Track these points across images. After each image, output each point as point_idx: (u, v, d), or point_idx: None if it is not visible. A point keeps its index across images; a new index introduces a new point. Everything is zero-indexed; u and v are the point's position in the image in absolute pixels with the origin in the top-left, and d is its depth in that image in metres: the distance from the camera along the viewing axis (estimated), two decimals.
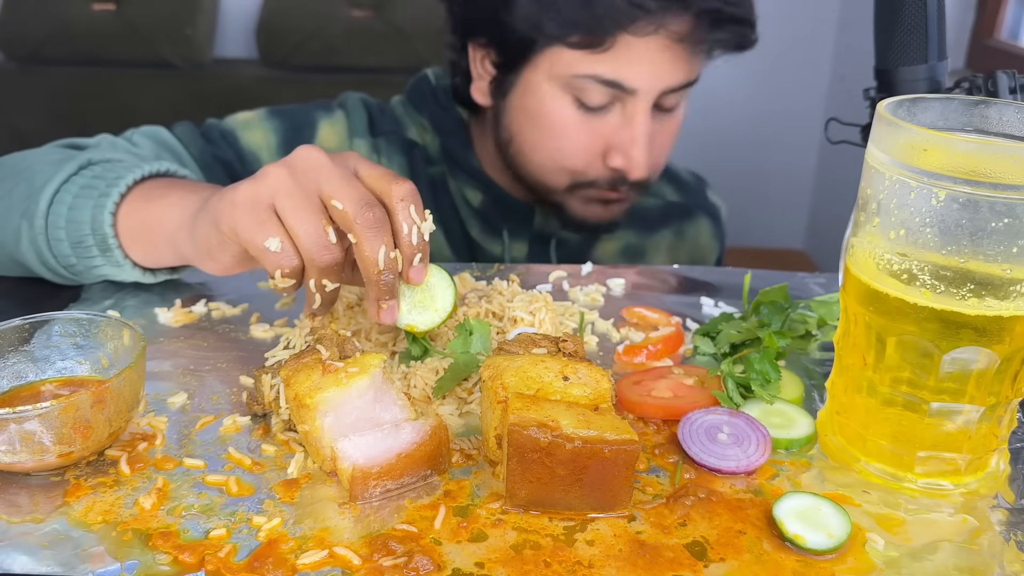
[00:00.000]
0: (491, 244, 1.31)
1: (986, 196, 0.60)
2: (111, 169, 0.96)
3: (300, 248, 0.77)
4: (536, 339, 0.75)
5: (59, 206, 0.93)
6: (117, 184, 0.93)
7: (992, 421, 0.68)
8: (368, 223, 0.75)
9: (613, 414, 0.66)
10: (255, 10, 3.25)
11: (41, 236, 0.94)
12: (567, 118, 1.16)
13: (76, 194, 0.93)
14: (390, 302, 0.78)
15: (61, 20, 3.12)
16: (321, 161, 0.78)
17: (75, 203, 0.93)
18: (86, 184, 0.94)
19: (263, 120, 1.28)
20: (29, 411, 0.64)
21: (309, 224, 0.76)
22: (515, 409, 0.64)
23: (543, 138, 1.18)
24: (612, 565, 0.60)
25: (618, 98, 1.14)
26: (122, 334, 0.75)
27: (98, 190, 0.93)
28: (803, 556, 0.62)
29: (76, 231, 0.93)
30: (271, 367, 0.76)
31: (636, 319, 0.96)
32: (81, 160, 0.96)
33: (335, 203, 0.76)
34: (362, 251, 0.76)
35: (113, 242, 0.92)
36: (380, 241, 0.76)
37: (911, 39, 0.88)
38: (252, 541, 0.62)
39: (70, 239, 0.94)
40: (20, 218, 0.95)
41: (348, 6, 3.26)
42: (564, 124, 1.16)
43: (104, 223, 0.92)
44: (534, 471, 0.63)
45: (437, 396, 0.79)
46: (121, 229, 0.93)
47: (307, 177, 0.77)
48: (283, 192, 0.77)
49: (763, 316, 0.90)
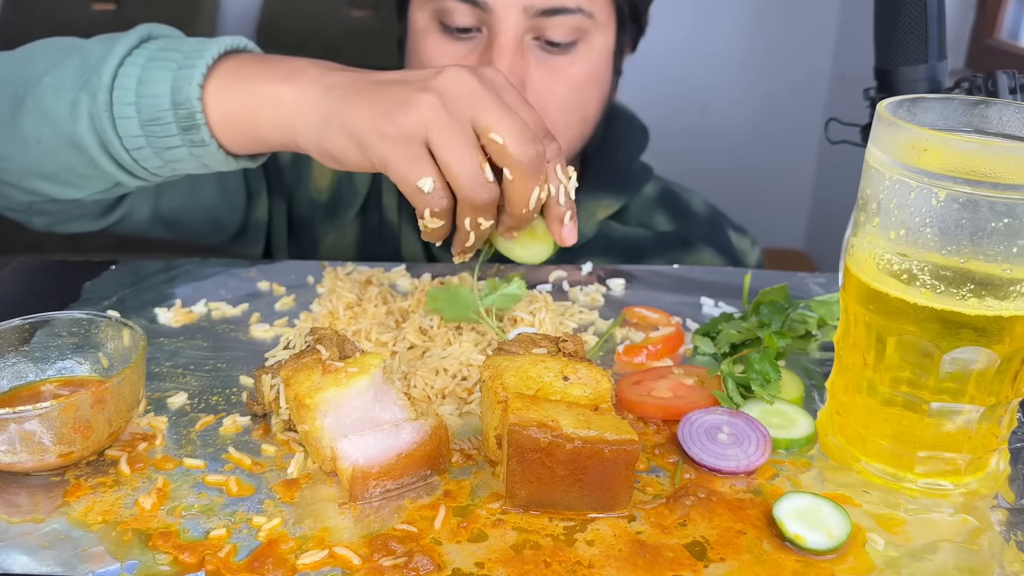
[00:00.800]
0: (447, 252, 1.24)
1: (986, 196, 0.60)
2: (181, 42, 0.85)
3: (455, 186, 0.74)
4: (536, 339, 0.75)
5: (126, 79, 0.82)
6: (201, 54, 0.82)
7: (992, 421, 0.68)
8: (530, 161, 0.73)
9: (613, 414, 0.66)
10: (255, 10, 3.25)
11: (105, 113, 0.82)
12: (433, 46, 1.06)
13: (145, 66, 0.82)
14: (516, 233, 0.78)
15: (61, 20, 3.12)
16: (475, 88, 0.74)
17: (147, 76, 0.82)
18: (155, 56, 0.83)
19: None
20: (29, 411, 0.64)
21: (466, 161, 0.72)
22: (515, 409, 0.64)
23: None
24: (612, 565, 0.60)
25: (483, 22, 1.03)
26: (122, 334, 0.75)
27: (176, 61, 0.82)
28: (803, 556, 0.62)
29: (151, 107, 0.82)
30: (271, 367, 0.76)
31: (636, 319, 0.96)
32: (141, 32, 0.86)
33: (494, 136, 0.73)
34: (515, 189, 0.74)
35: (201, 118, 0.82)
36: (535, 181, 0.74)
37: (911, 39, 0.88)
38: (252, 541, 0.62)
39: (142, 117, 0.82)
40: (79, 92, 0.83)
41: (348, 6, 3.26)
42: (430, 53, 1.07)
43: (191, 96, 0.81)
44: (534, 471, 0.63)
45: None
46: (212, 107, 0.82)
47: (461, 106, 0.74)
48: (437, 125, 0.73)
49: (763, 316, 0.90)
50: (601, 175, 1.24)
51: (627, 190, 1.27)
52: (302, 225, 1.28)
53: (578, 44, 1.07)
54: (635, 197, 1.29)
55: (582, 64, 1.08)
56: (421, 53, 1.08)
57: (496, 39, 1.02)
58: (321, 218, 1.27)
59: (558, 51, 1.06)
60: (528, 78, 1.05)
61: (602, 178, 1.24)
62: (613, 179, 1.25)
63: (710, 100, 3.17)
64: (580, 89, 1.10)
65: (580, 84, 1.10)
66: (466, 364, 0.81)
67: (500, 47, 1.02)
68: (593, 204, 1.24)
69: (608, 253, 1.25)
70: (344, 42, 3.19)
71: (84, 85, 0.83)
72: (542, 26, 1.03)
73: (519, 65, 1.03)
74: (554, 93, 1.08)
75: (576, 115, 1.12)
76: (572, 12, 1.04)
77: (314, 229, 1.28)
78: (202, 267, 1.06)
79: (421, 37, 1.08)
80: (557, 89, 1.07)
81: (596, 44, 1.09)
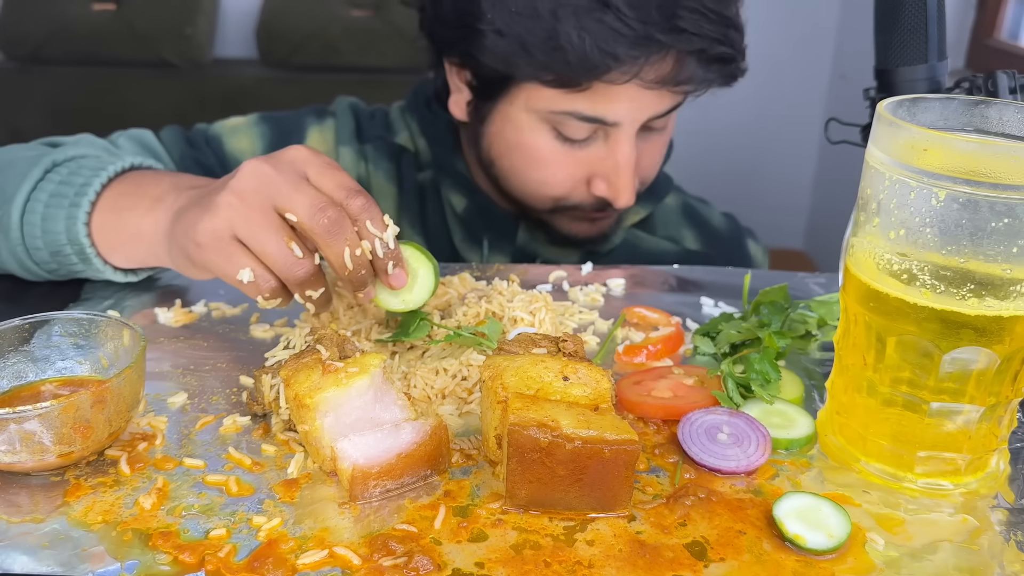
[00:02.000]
0: (471, 253, 1.27)
1: (986, 196, 0.60)
2: (77, 172, 0.95)
3: (274, 269, 0.79)
4: (536, 339, 0.75)
5: (32, 215, 0.93)
6: (85, 192, 0.92)
7: (992, 421, 0.68)
8: (325, 229, 0.76)
9: (613, 414, 0.66)
10: (255, 10, 3.25)
11: (19, 247, 0.94)
12: (547, 149, 1.10)
13: (47, 203, 0.93)
14: (366, 290, 0.81)
15: (61, 20, 3.12)
16: (266, 174, 0.78)
17: (47, 213, 0.93)
18: (55, 192, 0.93)
19: (252, 126, 1.27)
20: (29, 411, 0.64)
21: (272, 245, 0.77)
22: (515, 409, 0.64)
23: (524, 167, 1.13)
24: (612, 565, 0.60)
25: (600, 129, 1.08)
26: (122, 334, 0.75)
27: (68, 199, 0.93)
28: (803, 556, 0.62)
29: (53, 241, 0.93)
30: (271, 367, 0.76)
31: (636, 319, 0.96)
32: (46, 164, 0.95)
33: (289, 216, 0.77)
34: (327, 255, 0.77)
35: (91, 251, 0.93)
36: (342, 243, 0.77)
37: (911, 39, 0.88)
38: (252, 541, 0.62)
39: (48, 248, 0.94)
40: None
41: (348, 6, 3.26)
42: (544, 155, 1.10)
43: (79, 234, 0.92)
44: (534, 471, 0.63)
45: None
46: (97, 239, 0.93)
47: (257, 196, 0.78)
48: (239, 220, 0.78)
49: (763, 316, 0.90)
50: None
51: (652, 198, 1.29)
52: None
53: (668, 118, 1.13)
54: (659, 207, 1.32)
55: (669, 130, 1.17)
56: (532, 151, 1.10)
57: (619, 147, 1.07)
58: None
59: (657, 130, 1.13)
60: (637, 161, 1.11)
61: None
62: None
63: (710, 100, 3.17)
64: (665, 145, 1.19)
65: (666, 143, 1.19)
66: (466, 364, 0.81)
67: (624, 155, 1.07)
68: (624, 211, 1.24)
69: (634, 262, 1.25)
70: (344, 42, 3.19)
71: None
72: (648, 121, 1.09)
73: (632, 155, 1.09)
74: (652, 164, 1.17)
75: (660, 166, 1.21)
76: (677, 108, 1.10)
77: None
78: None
79: (529, 135, 1.10)
80: (654, 158, 1.17)
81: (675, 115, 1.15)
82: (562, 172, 1.11)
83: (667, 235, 1.33)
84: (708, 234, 1.36)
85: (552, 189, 1.13)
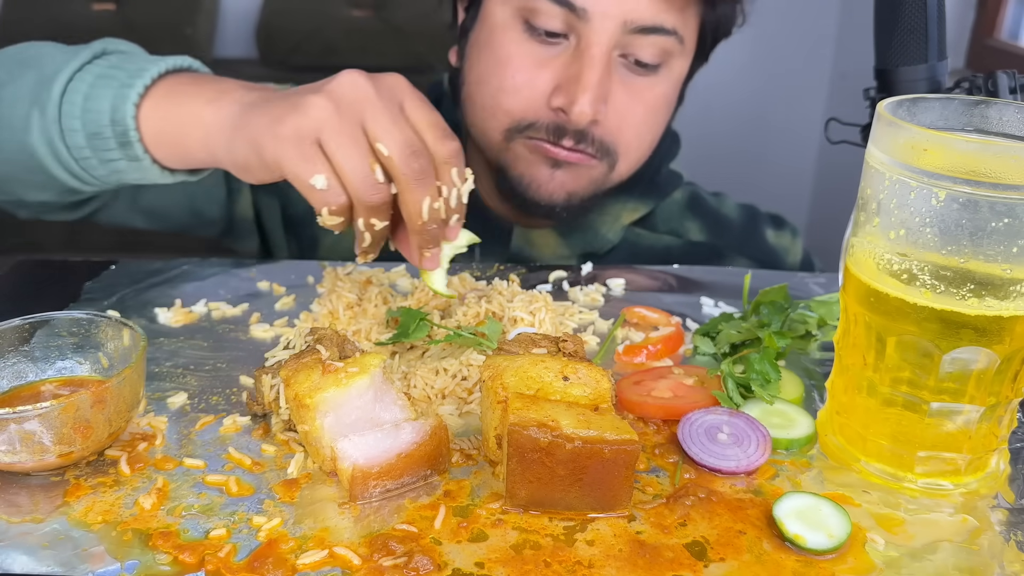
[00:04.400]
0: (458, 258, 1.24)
1: (986, 196, 0.60)
2: (130, 60, 0.89)
3: (347, 187, 0.75)
4: (536, 339, 0.75)
5: (74, 95, 0.87)
6: (141, 75, 0.87)
7: (992, 421, 0.68)
8: (413, 173, 0.74)
9: (613, 414, 0.66)
10: (255, 10, 3.25)
11: (54, 125, 0.87)
12: (514, 46, 1.03)
13: (92, 83, 0.87)
14: (433, 250, 0.78)
15: (61, 20, 3.12)
16: (367, 93, 0.76)
17: (92, 92, 0.87)
18: (103, 73, 0.88)
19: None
20: (29, 411, 0.64)
21: (356, 162, 0.74)
22: (515, 409, 0.64)
23: (489, 73, 1.07)
24: (612, 565, 0.60)
25: (572, 28, 1.01)
26: (122, 334, 0.75)
27: (118, 80, 0.87)
28: (803, 556, 0.62)
29: (93, 122, 0.87)
30: (271, 367, 0.76)
31: (636, 319, 0.96)
32: (95, 48, 0.90)
33: (380, 147, 0.74)
34: (406, 201, 0.75)
35: (134, 135, 0.86)
36: (424, 192, 0.75)
37: (911, 39, 0.88)
38: (252, 541, 0.62)
39: (86, 130, 0.87)
40: (30, 106, 0.88)
41: (348, 6, 3.26)
42: (510, 52, 1.04)
43: (126, 115, 0.86)
44: (534, 471, 0.63)
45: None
46: (145, 125, 0.87)
47: (352, 111, 0.75)
48: (328, 127, 0.74)
49: (763, 316, 0.90)
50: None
51: (654, 195, 1.24)
52: (300, 223, 1.27)
53: (661, 67, 1.06)
54: (662, 203, 1.27)
55: (662, 87, 1.07)
56: (497, 49, 1.05)
57: (588, 50, 1.00)
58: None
59: (642, 72, 1.05)
60: (611, 95, 1.03)
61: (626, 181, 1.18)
62: (638, 183, 1.20)
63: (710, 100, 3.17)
64: (656, 112, 1.09)
65: (657, 107, 1.09)
66: (466, 364, 0.81)
67: (592, 59, 1.00)
68: (617, 208, 1.21)
69: (634, 261, 1.21)
70: (344, 42, 3.19)
71: (35, 99, 0.88)
72: (633, 44, 1.02)
73: (605, 80, 1.01)
74: (632, 113, 1.06)
75: (647, 137, 1.11)
76: (668, 33, 1.02)
77: (313, 228, 1.27)
78: (202, 267, 1.06)
79: (500, 33, 1.05)
80: (636, 110, 1.06)
81: (676, 69, 1.08)
82: (523, 75, 1.04)
83: (669, 229, 1.27)
84: (716, 224, 1.29)
85: (511, 99, 1.05)
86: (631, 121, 1.07)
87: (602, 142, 1.06)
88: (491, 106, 1.07)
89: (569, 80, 1.01)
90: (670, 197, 1.28)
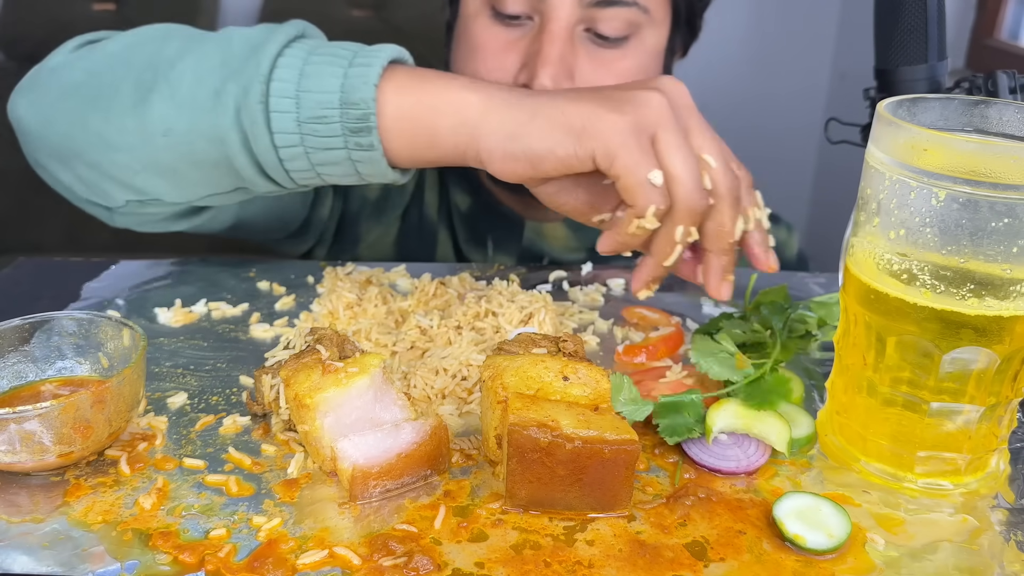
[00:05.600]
0: (475, 254, 1.25)
1: (986, 196, 0.60)
2: (342, 44, 0.81)
3: (677, 189, 0.73)
4: (536, 339, 0.75)
5: (286, 71, 0.77)
6: (375, 55, 0.79)
7: (992, 421, 0.68)
8: (731, 189, 0.73)
9: (613, 414, 0.66)
10: (255, 10, 3.25)
11: (259, 105, 0.76)
12: (483, 31, 1.05)
13: (308, 60, 0.78)
14: (730, 278, 0.77)
15: (61, 20, 3.12)
16: (689, 103, 0.76)
17: (311, 71, 0.77)
18: (318, 51, 0.79)
19: None
20: (29, 411, 0.64)
21: (691, 164, 0.72)
22: (515, 409, 0.64)
23: (463, 60, 1.08)
24: (612, 565, 0.60)
25: (535, 9, 1.01)
26: (122, 334, 0.75)
27: (345, 59, 0.78)
28: (803, 556, 0.62)
29: (315, 103, 0.77)
30: (271, 367, 0.76)
31: (636, 319, 0.96)
32: (297, 27, 0.82)
33: (707, 157, 0.73)
34: (722, 217, 0.74)
35: (374, 120, 0.77)
36: (738, 210, 0.74)
37: (911, 39, 0.88)
38: (252, 541, 0.62)
39: (302, 114, 0.77)
40: (225, 81, 0.78)
41: (348, 6, 3.26)
42: (479, 39, 1.05)
43: (367, 96, 0.76)
44: (534, 471, 0.63)
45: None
46: (386, 109, 0.78)
47: (682, 114, 0.74)
48: (667, 125, 0.73)
49: (763, 316, 0.90)
50: None
51: None
52: (350, 222, 1.27)
53: (630, 39, 1.05)
54: None
55: (632, 59, 1.06)
56: (470, 38, 1.06)
57: (548, 26, 1.00)
58: (367, 215, 1.27)
59: (608, 44, 1.04)
60: (577, 69, 1.02)
61: None
62: None
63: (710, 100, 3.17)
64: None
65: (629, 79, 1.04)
66: (466, 364, 0.81)
67: (551, 34, 0.99)
68: None
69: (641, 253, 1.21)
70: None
71: (233, 74, 0.77)
72: (595, 17, 1.01)
73: (568, 55, 1.01)
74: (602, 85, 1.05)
75: None
76: (627, 5, 1.02)
77: (359, 226, 1.27)
78: (202, 267, 1.06)
79: (471, 21, 1.06)
80: (606, 82, 1.02)
81: (648, 41, 1.07)
82: (493, 60, 1.04)
83: None
84: None
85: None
86: None
87: None
88: None
89: (531, 57, 1.01)
90: None
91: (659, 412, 0.72)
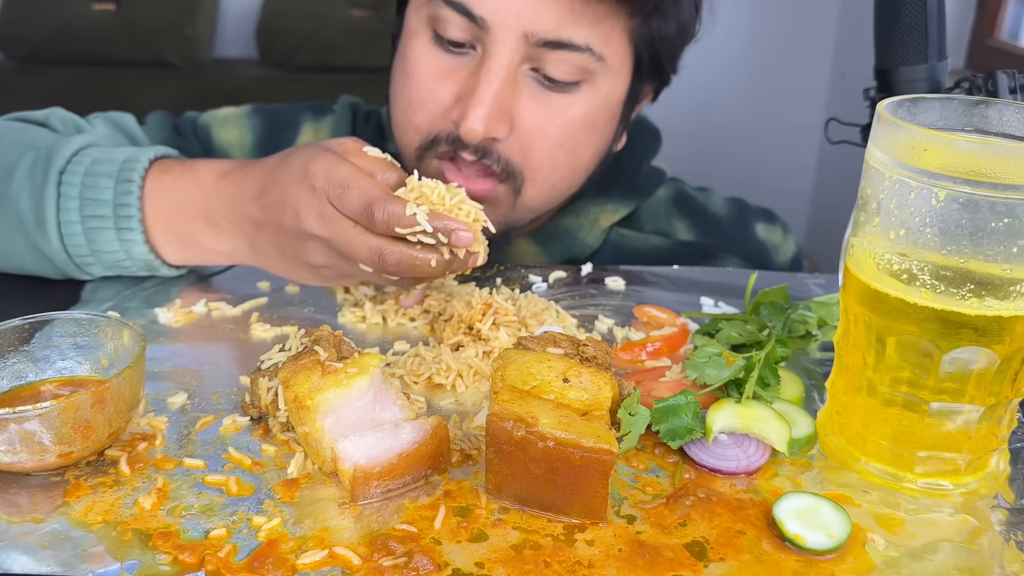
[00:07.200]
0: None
1: (986, 196, 0.60)
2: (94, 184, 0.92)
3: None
4: (558, 339, 0.74)
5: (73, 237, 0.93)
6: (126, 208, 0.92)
7: (992, 421, 0.68)
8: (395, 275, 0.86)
9: (603, 423, 0.65)
10: (255, 10, 3.25)
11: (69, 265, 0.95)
12: (421, 54, 0.97)
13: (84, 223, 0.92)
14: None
15: (61, 20, 3.12)
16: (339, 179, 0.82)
17: (91, 235, 0.93)
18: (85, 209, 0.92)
19: (244, 117, 1.24)
20: (29, 411, 0.64)
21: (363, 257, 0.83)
22: (500, 401, 0.64)
23: (399, 85, 1.02)
24: (612, 565, 0.60)
25: (477, 39, 0.94)
26: (122, 334, 0.75)
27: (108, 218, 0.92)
28: (803, 556, 0.62)
29: (110, 260, 0.95)
30: (267, 370, 0.75)
31: (646, 318, 0.96)
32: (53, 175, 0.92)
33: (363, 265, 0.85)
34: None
35: (158, 263, 0.96)
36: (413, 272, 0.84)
37: (911, 39, 0.88)
38: (252, 541, 0.62)
39: (102, 264, 0.95)
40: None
41: (348, 6, 3.26)
42: (416, 62, 0.98)
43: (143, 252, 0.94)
44: (510, 465, 0.63)
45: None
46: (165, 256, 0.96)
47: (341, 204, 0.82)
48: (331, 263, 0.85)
49: (763, 317, 0.90)
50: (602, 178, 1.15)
51: (635, 195, 1.19)
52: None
53: (581, 85, 0.97)
54: (646, 202, 1.22)
55: (581, 107, 0.98)
56: (406, 59, 1.00)
57: (487, 63, 0.93)
58: None
59: (556, 88, 0.96)
60: (518, 112, 0.96)
61: (604, 182, 1.16)
62: (617, 182, 1.18)
63: (709, 100, 3.17)
64: (574, 135, 1.00)
65: (575, 130, 0.99)
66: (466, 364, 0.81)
67: (489, 72, 0.92)
68: (596, 210, 1.17)
69: (621, 263, 1.16)
70: (344, 42, 3.19)
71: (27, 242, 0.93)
72: (543, 58, 0.94)
73: (508, 96, 0.94)
74: (544, 134, 0.97)
75: (565, 162, 1.01)
76: (579, 49, 0.93)
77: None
78: (202, 267, 1.05)
79: (410, 41, 0.99)
80: (549, 131, 0.97)
81: (603, 89, 0.99)
82: (426, 89, 0.98)
83: (656, 229, 1.22)
84: (704, 222, 1.24)
85: (418, 113, 0.99)
86: (542, 143, 0.98)
87: (508, 161, 0.98)
88: (402, 121, 1.02)
89: (465, 91, 0.95)
90: (654, 196, 1.23)
91: (657, 418, 0.72)
